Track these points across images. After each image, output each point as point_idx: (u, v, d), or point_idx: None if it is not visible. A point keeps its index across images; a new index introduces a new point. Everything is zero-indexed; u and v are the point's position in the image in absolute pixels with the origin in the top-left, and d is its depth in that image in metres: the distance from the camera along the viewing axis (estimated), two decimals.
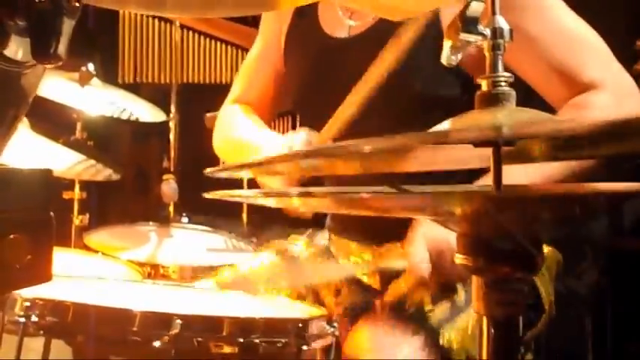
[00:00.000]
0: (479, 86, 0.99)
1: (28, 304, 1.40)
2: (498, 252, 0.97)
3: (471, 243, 0.99)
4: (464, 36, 1.00)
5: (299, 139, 1.70)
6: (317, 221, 1.98)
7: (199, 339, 1.34)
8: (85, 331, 1.37)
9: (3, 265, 0.83)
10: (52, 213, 0.92)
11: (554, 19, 1.61)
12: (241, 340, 1.36)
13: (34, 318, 1.40)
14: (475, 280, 1.01)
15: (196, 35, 4.10)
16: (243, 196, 1.40)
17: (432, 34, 1.62)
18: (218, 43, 4.13)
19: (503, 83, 0.98)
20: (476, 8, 1.00)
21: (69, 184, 3.18)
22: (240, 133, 1.96)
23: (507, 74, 0.98)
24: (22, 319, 1.40)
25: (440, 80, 1.65)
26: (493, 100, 0.97)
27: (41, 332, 1.42)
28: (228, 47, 4.13)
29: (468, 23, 1.00)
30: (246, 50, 3.52)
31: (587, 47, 1.61)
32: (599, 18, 1.53)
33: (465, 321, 1.65)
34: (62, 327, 1.40)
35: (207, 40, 4.12)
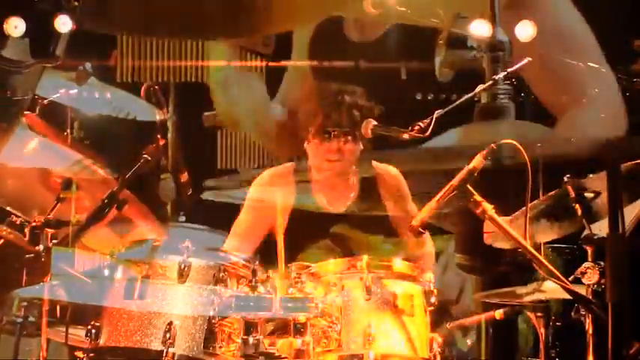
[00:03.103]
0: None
1: (25, 304, 1.40)
2: (497, 252, 0.97)
3: (469, 243, 0.99)
4: (455, 52, 0.99)
5: None
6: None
7: (199, 339, 1.34)
8: (84, 331, 1.37)
9: (3, 265, 0.83)
10: (50, 213, 0.92)
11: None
12: (241, 339, 1.36)
13: (31, 318, 1.40)
14: (474, 280, 1.01)
15: None
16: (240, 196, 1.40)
17: None
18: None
19: (502, 95, 0.96)
20: (463, 25, 0.99)
21: (66, 183, 3.16)
22: None
23: (507, 87, 0.97)
24: (20, 320, 1.40)
25: None
26: (493, 112, 0.96)
27: (38, 332, 1.42)
28: None
29: (458, 40, 0.99)
30: (245, 49, 3.52)
31: None
32: (599, 18, 1.53)
33: None
34: (60, 327, 1.40)
35: None
